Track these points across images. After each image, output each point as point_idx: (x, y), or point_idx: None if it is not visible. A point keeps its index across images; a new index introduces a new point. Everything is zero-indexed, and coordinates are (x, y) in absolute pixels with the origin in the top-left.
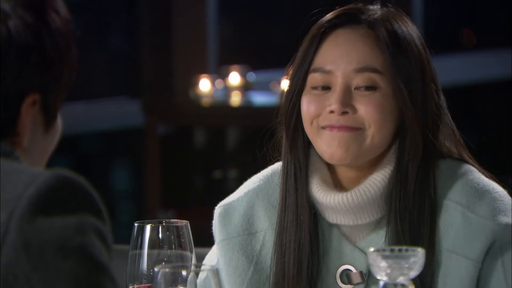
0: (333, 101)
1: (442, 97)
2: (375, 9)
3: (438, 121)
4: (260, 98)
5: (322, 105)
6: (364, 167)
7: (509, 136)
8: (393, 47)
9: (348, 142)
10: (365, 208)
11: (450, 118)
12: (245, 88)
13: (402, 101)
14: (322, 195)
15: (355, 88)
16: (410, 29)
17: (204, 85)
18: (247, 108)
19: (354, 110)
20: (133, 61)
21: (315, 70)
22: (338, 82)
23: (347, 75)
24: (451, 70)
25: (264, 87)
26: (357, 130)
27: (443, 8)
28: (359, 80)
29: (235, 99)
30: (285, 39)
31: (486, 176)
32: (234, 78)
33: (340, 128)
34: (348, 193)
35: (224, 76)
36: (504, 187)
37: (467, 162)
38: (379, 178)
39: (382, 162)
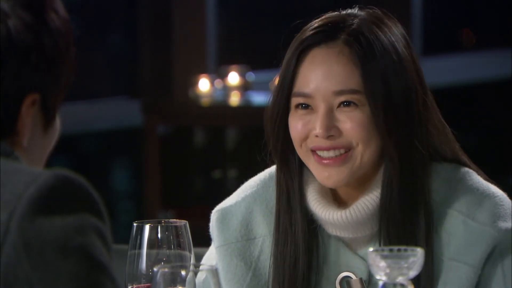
0: (317, 126)
1: (430, 97)
2: (354, 15)
3: (427, 124)
4: (259, 98)
5: (307, 128)
6: (359, 181)
7: (509, 136)
8: (368, 64)
9: (339, 171)
10: (364, 223)
11: (440, 116)
12: (244, 88)
13: (377, 124)
14: (321, 211)
15: (337, 107)
16: (390, 33)
17: (204, 85)
18: (247, 108)
19: (339, 132)
20: (133, 61)
21: (296, 95)
22: (319, 106)
23: (327, 98)
24: (451, 70)
25: (264, 87)
26: (345, 154)
27: (442, 8)
28: (339, 100)
29: (234, 99)
30: (285, 39)
31: (483, 177)
32: (233, 78)
33: (329, 159)
34: (347, 211)
35: (223, 76)
36: (502, 188)
37: (463, 163)
38: (376, 193)
39: (377, 176)
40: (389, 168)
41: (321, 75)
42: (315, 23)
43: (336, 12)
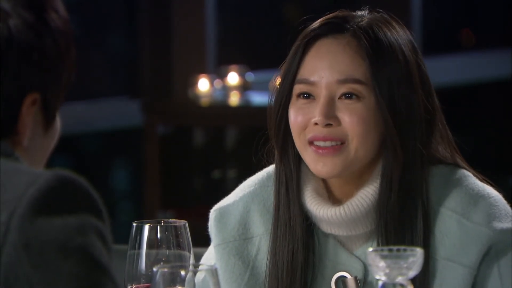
0: (317, 113)
1: (436, 101)
2: (362, 16)
3: (429, 128)
4: (258, 98)
5: (307, 117)
6: (355, 177)
7: (509, 136)
8: (375, 56)
9: (333, 161)
10: (358, 220)
11: (444, 121)
12: (244, 88)
13: (383, 114)
14: (316, 208)
15: (338, 98)
16: (397, 35)
17: (203, 85)
18: (246, 108)
19: (338, 122)
20: (133, 61)
21: (300, 82)
22: (321, 94)
23: (330, 86)
24: (451, 70)
25: (263, 87)
26: (340, 146)
27: (442, 8)
28: (342, 90)
29: (234, 99)
30: (284, 39)
31: (480, 180)
32: (233, 78)
33: (324, 148)
34: (341, 207)
35: (223, 76)
36: (499, 190)
37: (461, 166)
38: (370, 191)
39: (373, 173)
40: (390, 159)
41: (327, 64)
42: (324, 17)
43: (346, 11)
